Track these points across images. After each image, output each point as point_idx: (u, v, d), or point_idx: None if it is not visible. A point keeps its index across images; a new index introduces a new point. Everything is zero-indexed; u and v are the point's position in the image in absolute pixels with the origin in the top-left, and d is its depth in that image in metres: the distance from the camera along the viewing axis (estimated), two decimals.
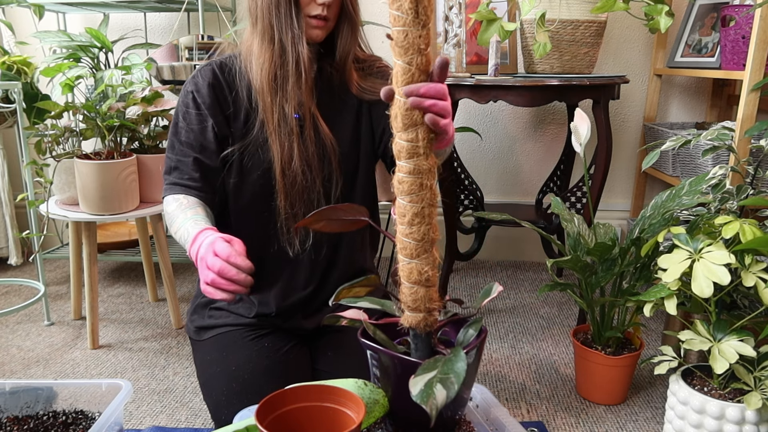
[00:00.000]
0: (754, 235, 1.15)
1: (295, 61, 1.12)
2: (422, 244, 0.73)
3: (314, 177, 1.18)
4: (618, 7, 1.54)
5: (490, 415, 0.90)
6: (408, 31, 0.68)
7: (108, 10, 2.40)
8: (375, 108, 1.25)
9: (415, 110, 0.71)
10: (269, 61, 1.13)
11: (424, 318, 0.76)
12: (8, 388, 1.07)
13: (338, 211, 0.82)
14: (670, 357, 1.32)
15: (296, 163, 1.16)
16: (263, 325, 1.22)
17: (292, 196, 1.17)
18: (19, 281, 2.19)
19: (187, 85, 1.20)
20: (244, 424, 0.76)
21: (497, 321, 2.06)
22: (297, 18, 1.11)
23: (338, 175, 1.22)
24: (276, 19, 1.11)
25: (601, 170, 1.96)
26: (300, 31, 1.12)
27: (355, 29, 1.20)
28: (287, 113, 1.15)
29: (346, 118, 1.24)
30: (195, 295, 1.34)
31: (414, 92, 0.70)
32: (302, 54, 1.12)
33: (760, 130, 1.46)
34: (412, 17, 0.67)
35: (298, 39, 1.12)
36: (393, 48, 0.70)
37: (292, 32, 1.11)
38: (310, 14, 1.13)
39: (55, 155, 1.79)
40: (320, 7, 1.12)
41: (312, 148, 1.17)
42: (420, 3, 0.67)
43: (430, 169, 0.72)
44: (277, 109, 1.14)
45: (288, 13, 1.11)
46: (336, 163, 1.21)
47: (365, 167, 1.27)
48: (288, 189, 1.17)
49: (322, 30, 1.15)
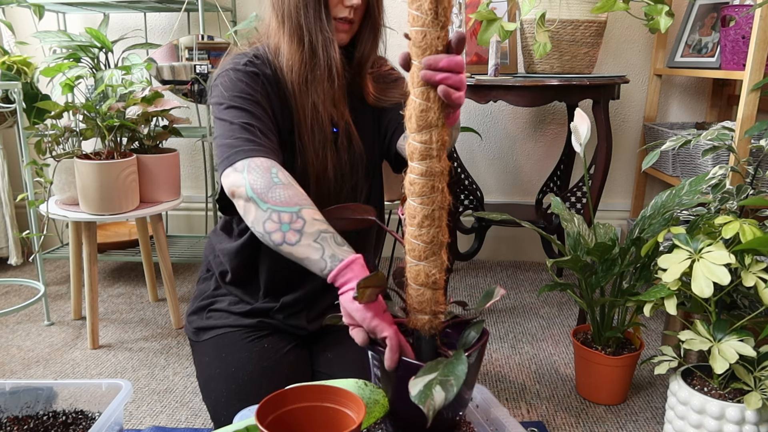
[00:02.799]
0: (754, 235, 1.15)
1: (327, 66, 1.08)
2: (431, 247, 0.73)
3: (344, 184, 1.17)
4: (618, 7, 1.54)
5: (490, 415, 0.90)
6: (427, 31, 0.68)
7: (108, 10, 2.40)
8: (382, 110, 1.24)
9: (429, 111, 0.70)
10: (299, 63, 1.09)
11: (429, 320, 0.76)
12: (8, 388, 1.07)
13: (346, 210, 0.82)
14: (670, 357, 1.32)
15: (330, 173, 1.13)
16: (263, 326, 1.22)
17: (321, 204, 1.15)
18: (19, 281, 2.19)
19: (240, 66, 1.09)
20: (244, 424, 0.76)
21: (497, 321, 2.06)
22: (327, 20, 1.07)
23: (363, 183, 1.21)
24: (305, 19, 1.07)
25: (601, 170, 1.96)
26: (331, 35, 1.08)
27: (377, 34, 1.17)
28: (321, 120, 1.11)
29: (367, 124, 1.23)
30: (194, 297, 1.33)
31: (433, 65, 0.69)
32: (335, 59, 1.08)
33: (760, 130, 1.46)
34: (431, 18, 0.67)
35: (329, 42, 1.07)
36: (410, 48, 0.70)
37: (323, 35, 1.07)
38: (337, 16, 1.09)
39: (55, 155, 1.79)
40: (347, 10, 1.09)
41: (345, 157, 1.16)
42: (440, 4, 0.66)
43: (442, 171, 0.72)
44: (309, 112, 1.10)
45: (317, 14, 1.07)
46: (362, 171, 1.20)
47: (379, 171, 1.28)
48: (319, 197, 1.12)
49: (347, 33, 1.12)
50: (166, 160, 1.87)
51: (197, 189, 2.69)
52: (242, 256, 1.21)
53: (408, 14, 0.69)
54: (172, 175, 1.90)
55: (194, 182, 2.68)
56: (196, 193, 2.68)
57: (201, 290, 1.33)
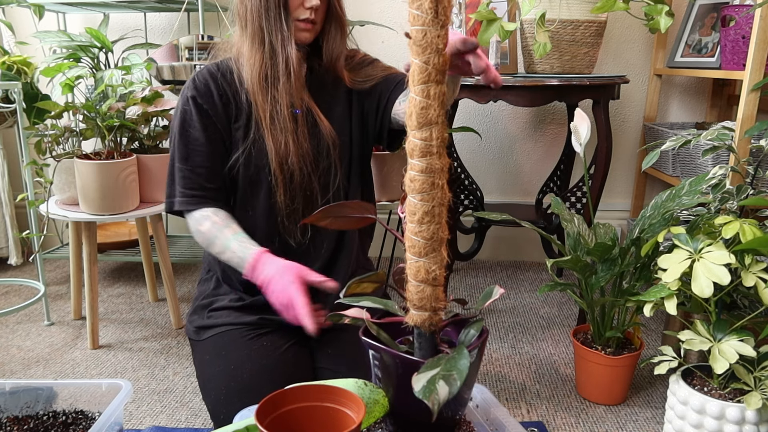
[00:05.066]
0: (754, 235, 1.15)
1: (285, 62, 1.17)
2: (431, 243, 0.73)
3: (311, 171, 1.21)
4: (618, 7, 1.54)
5: (490, 415, 0.90)
6: (427, 30, 0.68)
7: (108, 10, 2.40)
8: (366, 94, 1.28)
9: (430, 109, 0.71)
10: (260, 62, 1.17)
11: (429, 317, 0.76)
12: (8, 388, 1.07)
13: (345, 208, 0.82)
14: (670, 357, 1.32)
15: (293, 159, 1.19)
16: (263, 323, 1.22)
17: (291, 191, 1.21)
18: (19, 281, 2.19)
19: (186, 90, 1.22)
20: (244, 424, 0.76)
21: (497, 321, 2.06)
22: (286, 21, 1.16)
23: (337, 167, 1.25)
24: (266, 22, 1.15)
25: (601, 170, 1.96)
26: (289, 33, 1.16)
27: (342, 30, 1.25)
28: (280, 111, 1.18)
29: (338, 109, 1.27)
30: (195, 297, 1.34)
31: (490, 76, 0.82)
32: (291, 55, 1.16)
33: (760, 130, 1.46)
34: (431, 16, 0.68)
35: (287, 41, 1.16)
36: (410, 47, 0.71)
37: (281, 34, 1.16)
38: (299, 18, 1.17)
39: (55, 155, 1.79)
40: (308, 11, 1.17)
41: (306, 144, 1.21)
42: (440, 3, 0.67)
43: (442, 168, 0.72)
44: (269, 107, 1.18)
45: (277, 16, 1.15)
46: (336, 155, 1.24)
47: (358, 156, 1.30)
48: (287, 184, 1.20)
49: (310, 33, 1.20)
50: (166, 160, 1.87)
51: None
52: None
53: (408, 13, 0.70)
54: None
55: None
56: None
57: (201, 291, 1.34)
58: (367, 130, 1.31)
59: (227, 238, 1.15)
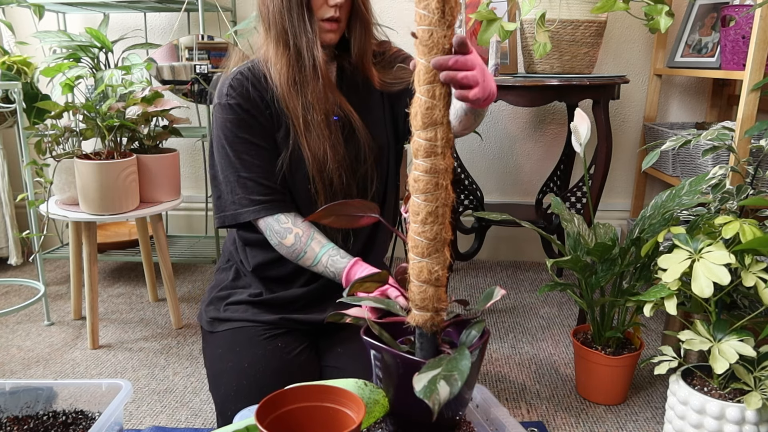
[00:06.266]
0: (754, 235, 1.15)
1: (312, 65, 1.13)
2: (434, 244, 0.73)
3: (350, 177, 1.20)
4: (618, 7, 1.54)
5: (490, 415, 0.90)
6: (433, 30, 0.69)
7: (108, 10, 2.40)
8: (396, 97, 1.25)
9: (435, 109, 0.71)
10: (286, 66, 1.14)
11: (431, 317, 0.77)
12: (8, 388, 1.07)
13: (348, 206, 0.82)
14: (670, 357, 1.32)
15: (331, 166, 1.16)
16: (281, 323, 1.22)
17: (332, 198, 1.19)
18: (19, 281, 2.19)
19: (224, 99, 1.17)
20: (244, 424, 0.76)
21: (497, 321, 2.06)
22: (310, 22, 1.12)
23: (373, 173, 1.23)
24: (289, 24, 1.12)
25: (601, 170, 1.96)
26: (314, 35, 1.12)
27: (368, 27, 1.20)
28: (314, 117, 1.15)
29: (374, 113, 1.25)
30: (211, 287, 1.34)
31: (443, 65, 0.71)
32: (318, 58, 1.13)
33: (760, 130, 1.46)
34: (438, 17, 0.68)
35: (312, 43, 1.12)
36: (417, 46, 0.71)
37: (306, 36, 1.12)
38: (323, 17, 1.13)
39: (55, 155, 1.79)
40: (332, 9, 1.13)
41: (342, 150, 1.18)
42: (447, 3, 0.67)
43: (446, 168, 0.72)
44: (301, 112, 1.15)
45: (300, 17, 1.11)
46: (372, 161, 1.22)
47: (394, 159, 1.29)
48: (327, 191, 1.18)
49: (335, 33, 1.16)
50: (166, 160, 1.87)
51: (197, 189, 2.69)
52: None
53: (415, 13, 0.70)
54: (171, 175, 1.90)
55: (194, 182, 2.68)
56: (196, 193, 2.68)
57: (219, 280, 1.33)
58: (398, 133, 1.29)
59: (315, 252, 1.15)
